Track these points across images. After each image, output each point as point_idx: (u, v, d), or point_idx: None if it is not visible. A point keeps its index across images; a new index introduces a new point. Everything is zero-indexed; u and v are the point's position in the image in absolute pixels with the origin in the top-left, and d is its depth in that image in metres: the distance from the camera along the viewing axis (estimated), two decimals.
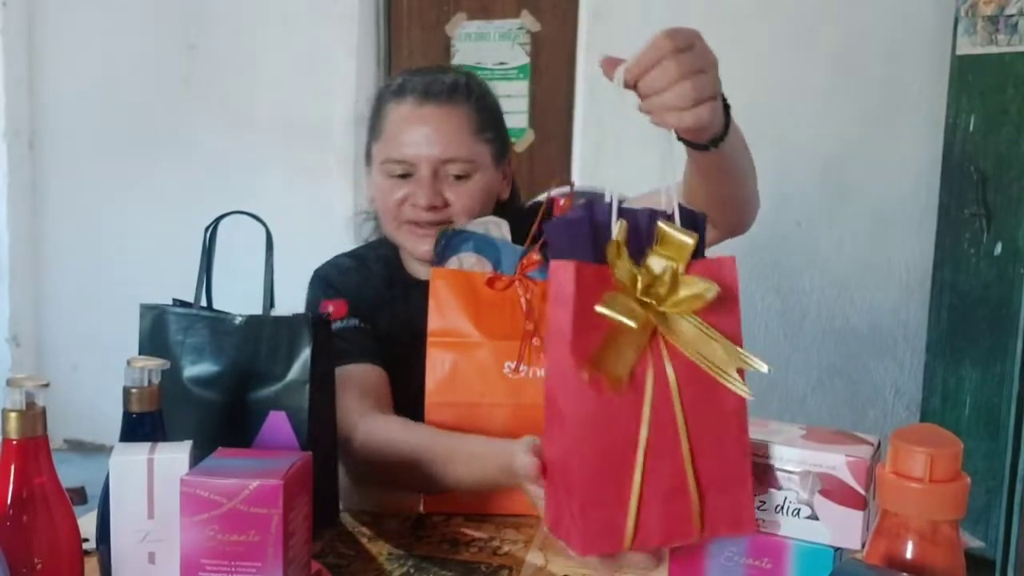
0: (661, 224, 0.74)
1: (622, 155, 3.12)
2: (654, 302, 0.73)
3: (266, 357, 1.02)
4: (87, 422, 3.54)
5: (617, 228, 0.74)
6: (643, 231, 0.75)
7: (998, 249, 2.53)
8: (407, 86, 1.28)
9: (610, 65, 0.83)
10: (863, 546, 0.69)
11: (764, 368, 0.76)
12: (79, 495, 2.41)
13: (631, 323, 0.71)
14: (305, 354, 1.01)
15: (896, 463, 0.62)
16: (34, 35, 3.74)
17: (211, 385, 1.03)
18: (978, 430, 2.55)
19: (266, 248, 1.07)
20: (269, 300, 1.06)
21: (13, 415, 0.75)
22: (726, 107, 0.96)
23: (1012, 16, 2.49)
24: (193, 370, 1.04)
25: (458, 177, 1.25)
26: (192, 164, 3.59)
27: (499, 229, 1.20)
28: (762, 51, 3.02)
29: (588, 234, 0.75)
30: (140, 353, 1.04)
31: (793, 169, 3.03)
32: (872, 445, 0.75)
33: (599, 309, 0.71)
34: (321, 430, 1.04)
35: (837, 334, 3.05)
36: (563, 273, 0.74)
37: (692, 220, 0.76)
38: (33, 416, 0.76)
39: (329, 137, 3.46)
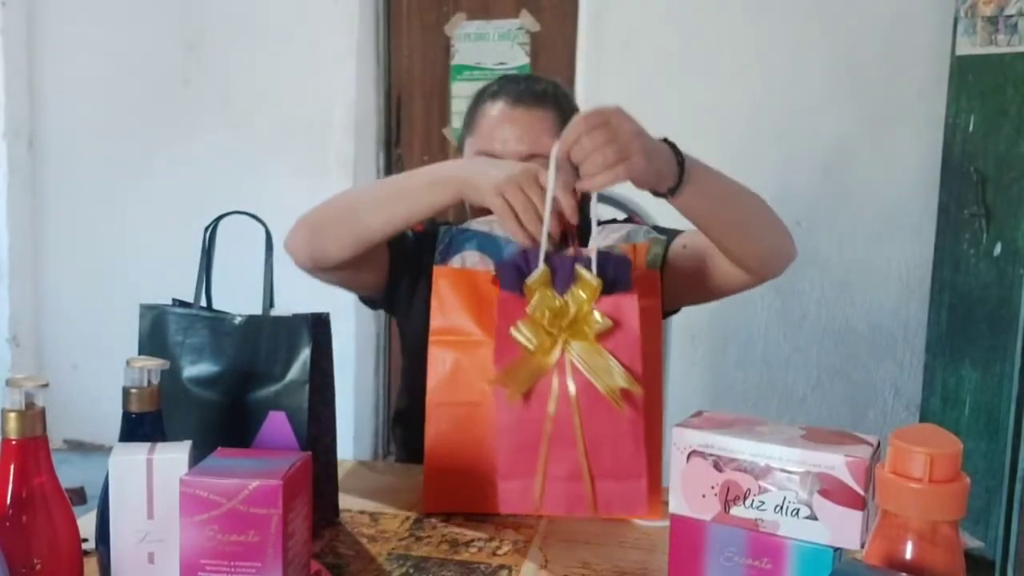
0: (577, 267, 1.00)
1: None
2: (555, 332, 0.99)
3: (265, 357, 1.02)
4: (87, 422, 3.54)
5: (536, 273, 1.00)
6: (568, 272, 1.01)
7: (998, 249, 2.53)
8: (502, 91, 1.38)
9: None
10: (862, 546, 0.70)
11: (639, 391, 0.98)
12: (79, 495, 2.41)
13: (530, 346, 0.98)
14: (304, 354, 1.01)
15: (896, 463, 0.62)
16: (34, 35, 3.74)
17: (211, 385, 1.03)
18: (978, 430, 2.55)
19: (266, 248, 1.07)
20: (269, 300, 1.06)
21: (13, 415, 0.75)
22: (681, 163, 1.11)
23: (1012, 16, 2.49)
24: (193, 370, 1.04)
25: None
26: (192, 164, 3.59)
27: (502, 227, 1.20)
28: (762, 51, 3.02)
29: (517, 274, 1.02)
30: (140, 353, 1.04)
31: (793, 169, 3.03)
32: (871, 445, 0.75)
33: (511, 332, 0.98)
34: (320, 430, 1.04)
35: (837, 334, 3.05)
36: (497, 302, 1.02)
37: (616, 265, 1.01)
38: (33, 416, 0.76)
39: (329, 137, 3.46)
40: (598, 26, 3.17)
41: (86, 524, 0.84)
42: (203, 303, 1.09)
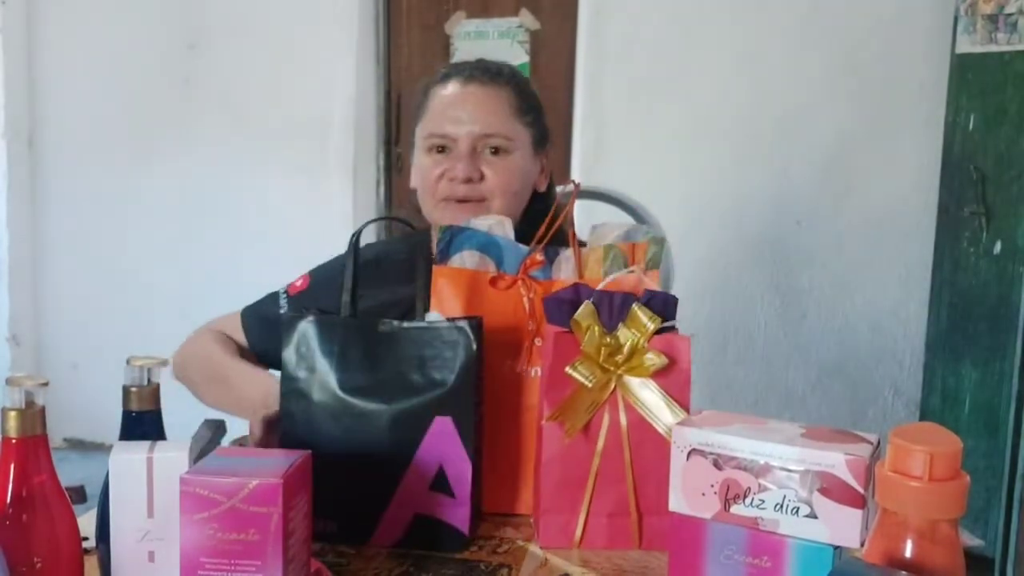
0: (634, 306, 0.98)
1: (621, 153, 3.12)
2: (612, 367, 0.98)
3: (428, 363, 1.01)
4: (86, 421, 3.54)
5: (582, 309, 0.99)
6: (617, 309, 0.99)
7: (997, 248, 2.53)
8: (452, 72, 1.34)
9: None
10: (862, 544, 0.70)
11: None
12: (79, 494, 2.41)
13: (588, 383, 0.97)
14: (469, 359, 1.00)
15: (895, 462, 0.62)
16: (34, 33, 3.74)
17: (368, 394, 1.02)
18: (977, 429, 2.55)
19: (423, 256, 1.08)
20: (423, 306, 1.06)
21: (13, 414, 0.75)
22: None
23: (1012, 15, 2.49)
24: (347, 380, 1.02)
25: (495, 152, 1.29)
26: (191, 163, 3.59)
27: (503, 228, 1.20)
28: (762, 50, 3.02)
29: (566, 309, 1.00)
30: (287, 366, 1.03)
31: (793, 168, 3.03)
32: (871, 444, 0.75)
33: (567, 370, 0.97)
34: (477, 435, 1.04)
35: (836, 333, 3.05)
36: (548, 337, 1.01)
37: (663, 304, 0.99)
38: (32, 415, 0.76)
39: (329, 137, 3.46)
40: (598, 24, 3.17)
41: (86, 523, 0.84)
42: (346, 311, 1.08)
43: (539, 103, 1.38)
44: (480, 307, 1.13)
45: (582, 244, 1.19)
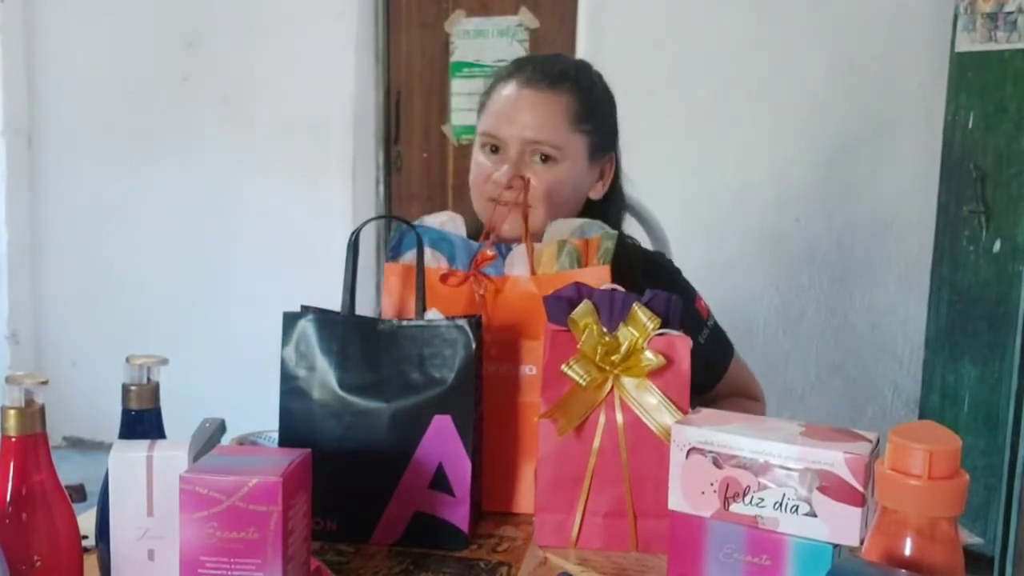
0: (635, 306, 0.97)
1: (620, 151, 3.12)
2: (608, 367, 0.97)
3: (427, 362, 1.01)
4: (86, 419, 3.54)
5: (580, 307, 0.98)
6: (618, 309, 0.99)
7: (997, 246, 2.53)
8: (518, 70, 1.31)
9: None
10: (862, 542, 0.70)
11: None
12: (78, 492, 2.41)
13: (582, 382, 0.97)
14: (469, 357, 1.00)
15: (895, 460, 0.62)
16: (33, 32, 3.74)
17: (368, 392, 1.02)
18: (977, 427, 2.55)
19: (417, 252, 1.07)
20: (422, 305, 1.06)
21: (12, 412, 0.75)
22: None
23: (1011, 13, 2.49)
24: (347, 378, 1.02)
25: (544, 160, 1.26)
26: (191, 162, 3.59)
27: (454, 224, 1.19)
28: (762, 48, 3.02)
29: (565, 307, 0.99)
30: (287, 364, 1.03)
31: (793, 166, 3.03)
32: (871, 442, 0.75)
33: (563, 368, 0.97)
34: (476, 434, 1.04)
35: (836, 331, 3.05)
36: (546, 335, 1.01)
37: (667, 304, 0.98)
38: (32, 413, 0.76)
39: (328, 134, 3.46)
40: (597, 22, 3.16)
41: (86, 521, 0.84)
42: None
43: (605, 108, 1.35)
44: (432, 304, 1.11)
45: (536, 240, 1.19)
